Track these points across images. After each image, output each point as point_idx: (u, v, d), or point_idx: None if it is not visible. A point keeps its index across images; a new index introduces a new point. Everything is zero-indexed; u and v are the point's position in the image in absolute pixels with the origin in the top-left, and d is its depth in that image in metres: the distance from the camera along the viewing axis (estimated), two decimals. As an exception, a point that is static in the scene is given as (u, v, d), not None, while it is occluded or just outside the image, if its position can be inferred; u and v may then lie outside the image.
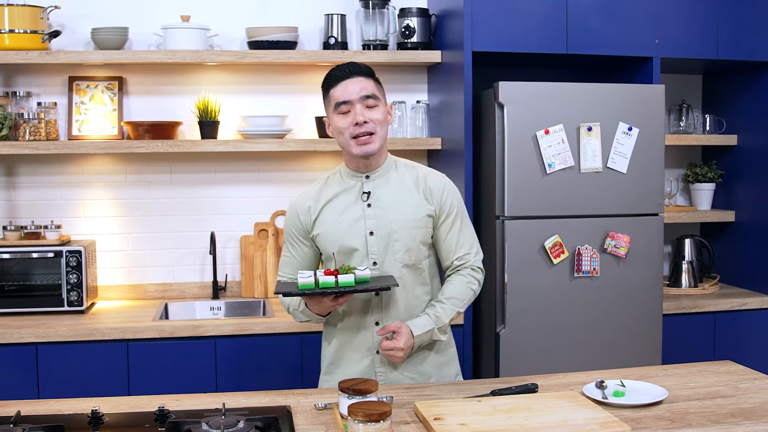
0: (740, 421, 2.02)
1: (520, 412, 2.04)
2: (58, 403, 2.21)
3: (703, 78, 4.34)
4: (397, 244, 2.37)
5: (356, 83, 2.33)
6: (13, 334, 3.21)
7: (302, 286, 2.19)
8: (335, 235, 2.38)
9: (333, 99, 2.35)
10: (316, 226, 2.41)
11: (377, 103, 2.34)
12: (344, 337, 2.44)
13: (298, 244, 2.46)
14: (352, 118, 2.31)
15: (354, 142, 2.32)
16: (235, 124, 3.87)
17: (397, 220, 2.37)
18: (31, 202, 3.77)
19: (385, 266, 2.37)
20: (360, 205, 2.39)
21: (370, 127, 2.32)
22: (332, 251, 2.37)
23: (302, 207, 2.44)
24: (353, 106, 2.31)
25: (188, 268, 3.93)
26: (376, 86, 2.37)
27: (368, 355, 2.42)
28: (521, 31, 3.52)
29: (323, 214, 2.41)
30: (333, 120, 2.37)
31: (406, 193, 2.41)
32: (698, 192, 4.15)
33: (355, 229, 2.37)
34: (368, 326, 2.41)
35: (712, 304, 3.76)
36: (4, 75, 3.72)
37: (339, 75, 2.34)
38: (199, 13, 3.79)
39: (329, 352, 2.49)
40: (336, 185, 2.45)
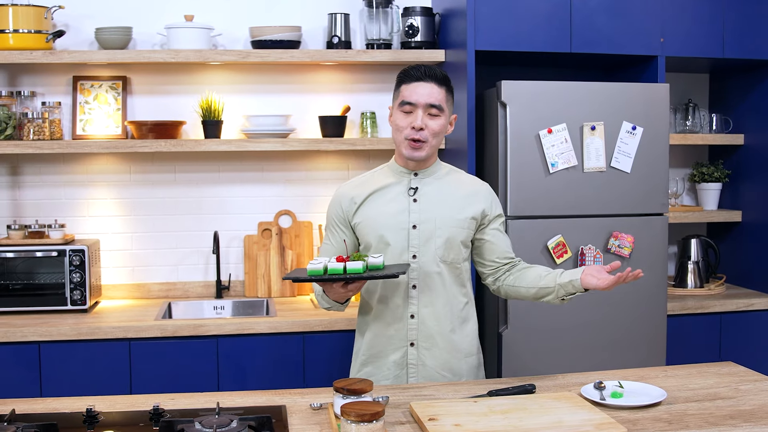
0: (739, 423, 2.00)
1: (516, 413, 2.02)
2: (55, 402, 2.21)
3: (710, 77, 4.31)
4: (438, 240, 2.42)
5: (427, 88, 2.38)
6: (16, 332, 3.22)
7: (311, 272, 2.20)
8: (377, 224, 2.43)
9: (401, 95, 2.41)
10: (357, 215, 2.46)
11: (440, 114, 2.40)
12: (378, 328, 2.47)
13: (337, 231, 2.50)
14: (411, 120, 2.38)
15: (406, 143, 2.39)
16: (239, 124, 3.87)
17: (441, 218, 2.43)
18: (36, 201, 3.78)
19: (423, 260, 2.42)
20: (406, 199, 2.45)
21: (424, 135, 2.38)
22: (371, 239, 2.43)
23: (346, 195, 2.49)
24: (416, 109, 2.38)
25: (192, 267, 3.93)
26: (446, 96, 2.42)
27: (402, 347, 2.45)
28: (525, 30, 3.51)
29: (367, 203, 2.46)
30: (395, 115, 2.43)
31: (452, 193, 2.48)
32: (704, 192, 4.12)
33: (397, 220, 2.42)
34: (403, 319, 2.44)
35: (718, 304, 3.73)
36: (9, 75, 3.74)
37: (414, 74, 2.40)
38: (202, 13, 3.79)
39: (364, 343, 2.51)
40: (384, 178, 2.50)
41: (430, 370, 2.46)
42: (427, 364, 2.45)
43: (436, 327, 2.44)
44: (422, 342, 2.45)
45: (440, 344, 2.45)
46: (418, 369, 2.45)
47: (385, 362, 2.46)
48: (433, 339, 2.45)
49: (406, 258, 2.41)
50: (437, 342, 2.45)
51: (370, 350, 2.49)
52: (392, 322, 2.45)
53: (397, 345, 2.45)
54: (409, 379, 2.45)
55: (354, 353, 2.58)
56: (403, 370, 2.45)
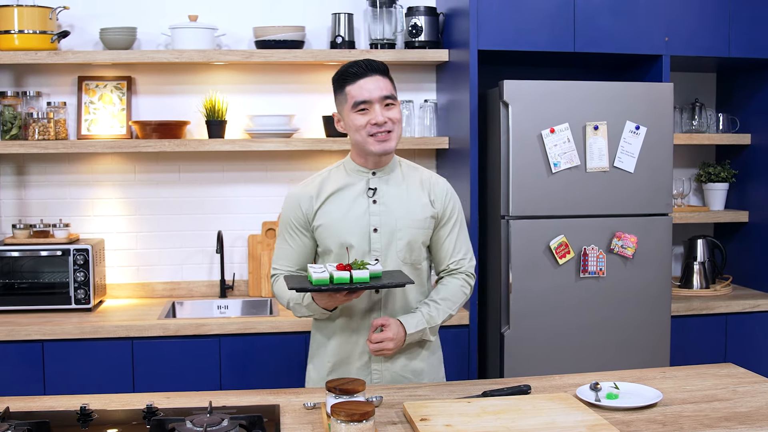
0: (734, 425, 1.98)
1: (508, 413, 2.01)
2: (51, 400, 2.22)
3: (716, 76, 4.28)
4: (400, 243, 2.37)
5: (374, 82, 2.31)
6: (20, 331, 3.24)
7: (317, 281, 2.14)
8: (338, 229, 2.36)
9: (350, 97, 2.32)
10: (317, 217, 2.38)
11: (395, 102, 2.35)
12: (344, 335, 2.42)
13: (297, 235, 2.42)
14: (370, 117, 2.30)
15: (372, 140, 2.31)
16: (243, 124, 3.88)
17: (402, 219, 2.37)
18: (41, 200, 3.81)
19: (386, 263, 2.36)
20: (365, 200, 2.38)
21: (389, 126, 2.32)
22: (332, 244, 2.36)
23: (304, 196, 2.40)
24: (372, 106, 2.30)
25: (196, 266, 3.94)
26: (392, 86, 2.36)
27: (367, 351, 2.41)
28: (528, 30, 3.49)
29: (326, 205, 2.38)
30: (349, 118, 2.33)
31: (411, 193, 2.42)
32: (711, 192, 4.08)
33: (359, 224, 2.36)
34: (368, 323, 2.40)
35: (724, 305, 3.70)
36: (15, 75, 3.76)
37: (356, 72, 2.32)
38: (206, 13, 3.81)
39: (329, 350, 2.44)
40: (340, 178, 2.42)
41: (394, 374, 2.42)
42: (390, 368, 2.41)
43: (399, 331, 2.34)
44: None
45: (403, 347, 2.38)
46: (381, 374, 2.41)
47: (351, 368, 2.41)
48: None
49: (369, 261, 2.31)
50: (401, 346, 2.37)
51: (336, 356, 2.43)
52: (358, 327, 2.40)
53: (363, 350, 2.40)
54: (372, 383, 2.41)
55: (312, 358, 2.51)
56: (368, 376, 2.41)
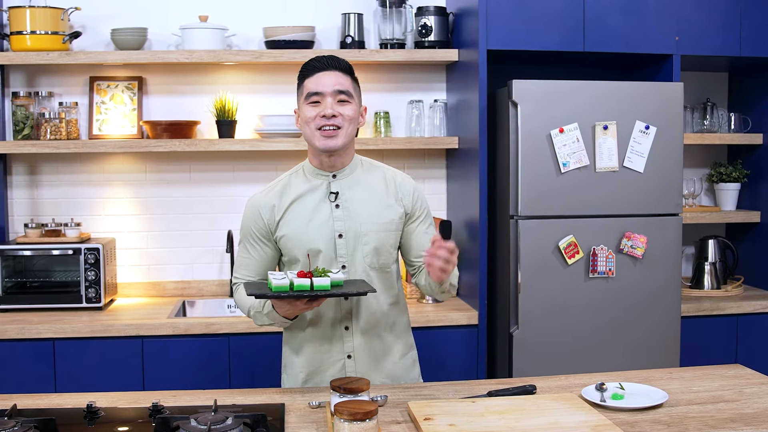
0: (739, 426, 1.97)
1: (513, 413, 2.01)
2: (58, 398, 2.24)
3: (729, 76, 4.25)
4: (366, 248, 2.31)
5: (331, 77, 2.26)
6: (32, 329, 3.27)
7: (276, 288, 2.09)
8: (302, 237, 2.30)
9: (305, 89, 2.28)
10: (280, 227, 2.32)
11: (350, 100, 2.28)
12: (315, 344, 2.37)
13: (258, 245, 2.36)
14: (320, 109, 2.24)
15: (319, 134, 2.25)
16: (253, 124, 3.89)
17: (367, 223, 2.32)
18: (53, 200, 3.84)
19: (353, 269, 2.32)
20: (327, 205, 2.32)
21: (338, 121, 2.24)
22: (298, 253, 2.30)
23: (265, 205, 2.34)
24: (324, 98, 2.24)
25: (207, 266, 3.96)
26: (352, 84, 2.31)
27: (340, 360, 2.37)
28: (537, 29, 3.49)
29: (288, 214, 2.32)
30: (302, 110, 2.30)
31: (375, 195, 2.36)
32: (723, 192, 4.06)
33: (323, 231, 2.30)
34: (338, 332, 2.36)
35: (735, 306, 3.68)
36: (27, 75, 3.80)
37: (316, 66, 2.28)
38: (217, 13, 3.82)
39: (301, 360, 2.40)
40: (301, 184, 2.36)
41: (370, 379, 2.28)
42: (364, 373, 2.37)
43: (370, 335, 2.36)
44: (358, 352, 2.36)
45: (376, 352, 2.38)
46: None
47: (324, 377, 2.36)
48: (369, 348, 2.37)
49: (337, 268, 2.29)
50: (373, 350, 2.38)
51: (309, 367, 2.39)
52: (328, 336, 2.36)
53: (336, 358, 2.36)
54: None
55: (285, 368, 2.47)
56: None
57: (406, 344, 2.47)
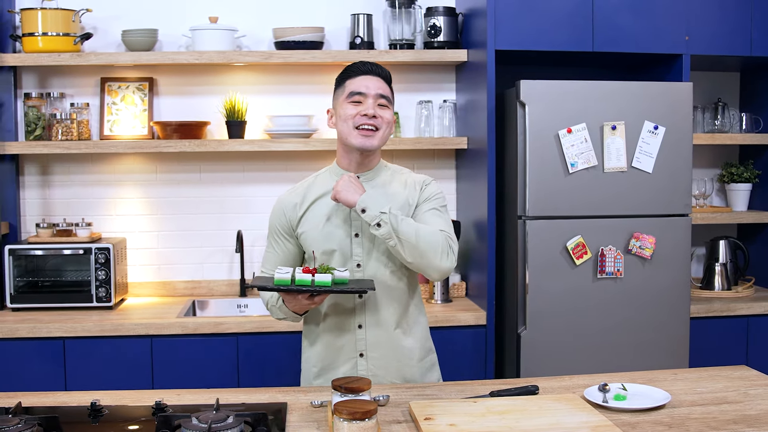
0: (741, 428, 1.96)
1: (513, 414, 2.01)
2: (64, 396, 2.27)
3: (740, 76, 4.22)
4: (382, 247, 2.34)
5: (374, 81, 2.35)
6: (42, 328, 3.30)
7: (278, 281, 2.17)
8: (320, 235, 2.35)
9: (348, 88, 2.34)
10: (301, 224, 2.39)
11: (389, 105, 2.36)
12: (328, 339, 2.41)
13: (281, 240, 2.43)
14: (362, 108, 2.30)
15: (357, 132, 2.30)
16: (262, 124, 3.91)
17: None
18: (64, 200, 3.87)
19: (368, 268, 2.35)
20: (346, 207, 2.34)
21: (377, 122, 2.31)
22: (315, 250, 2.35)
23: (288, 204, 2.42)
24: (366, 99, 2.31)
25: (217, 265, 3.99)
26: (390, 93, 2.40)
27: (352, 357, 2.39)
28: (546, 29, 3.48)
29: (309, 212, 2.38)
30: (341, 108, 2.34)
31: (393, 197, 2.38)
32: (734, 192, 4.03)
33: (341, 229, 2.35)
34: (352, 329, 2.38)
35: (745, 307, 3.65)
36: (39, 76, 3.83)
37: (361, 69, 2.36)
38: (227, 14, 3.85)
39: (314, 354, 2.45)
40: (324, 184, 2.41)
41: (381, 379, 2.39)
42: (377, 373, 2.38)
43: (384, 335, 2.38)
44: (371, 352, 2.38)
45: (389, 353, 2.39)
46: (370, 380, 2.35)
47: (336, 374, 2.39)
48: (382, 348, 2.38)
49: (351, 266, 2.34)
50: (386, 351, 2.39)
51: (322, 362, 2.42)
52: (341, 333, 2.38)
53: (348, 356, 2.39)
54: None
55: (304, 362, 2.52)
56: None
57: (423, 348, 2.47)
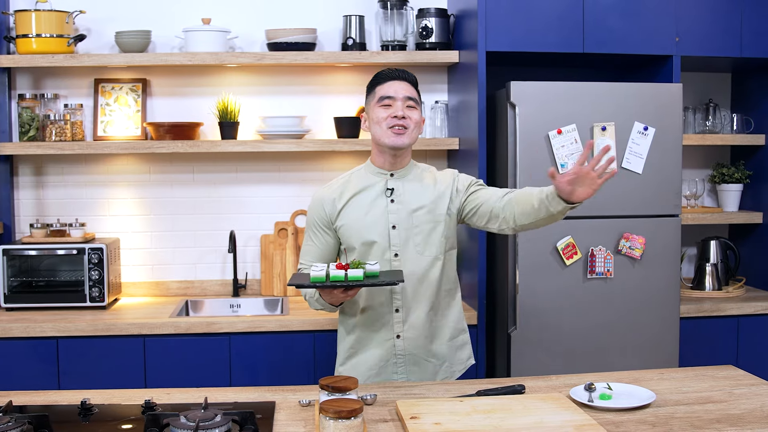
0: (724, 427, 1.98)
1: (499, 413, 2.03)
2: (55, 395, 2.29)
3: (732, 77, 4.24)
4: (417, 238, 2.52)
5: (402, 85, 2.54)
6: (36, 328, 3.32)
7: (314, 279, 2.31)
8: (359, 228, 2.53)
9: (378, 93, 2.54)
10: (340, 218, 2.55)
11: (417, 106, 2.56)
12: (365, 325, 2.57)
13: (320, 233, 2.59)
14: (392, 111, 2.49)
15: (389, 132, 2.49)
16: (255, 125, 3.93)
17: (418, 216, 2.53)
18: (58, 200, 3.89)
19: (405, 257, 2.52)
20: (384, 200, 2.54)
21: (406, 122, 2.50)
22: (354, 242, 2.53)
23: (328, 198, 2.58)
24: (395, 102, 2.50)
25: (210, 266, 4.00)
26: (418, 96, 2.59)
27: (389, 339, 2.55)
28: (536, 31, 3.50)
29: (348, 207, 2.55)
30: (373, 111, 2.54)
31: (426, 191, 2.57)
32: (725, 193, 4.05)
33: (379, 222, 2.52)
34: (389, 314, 2.54)
35: (736, 307, 3.67)
36: (33, 78, 3.85)
37: (389, 75, 2.56)
38: (219, 16, 3.86)
39: (349, 339, 2.62)
40: (361, 180, 2.60)
41: (416, 357, 2.56)
42: (414, 352, 2.55)
43: (419, 319, 2.54)
44: (407, 333, 2.54)
45: (424, 334, 2.55)
46: (406, 358, 2.55)
47: (373, 353, 2.56)
48: (417, 330, 2.54)
49: (389, 256, 2.52)
50: (421, 332, 2.55)
51: (357, 344, 2.60)
52: (378, 318, 2.55)
53: (385, 338, 2.55)
54: (398, 369, 2.56)
55: (339, 346, 2.68)
56: (389, 361, 2.56)
57: (456, 328, 2.65)
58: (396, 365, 2.55)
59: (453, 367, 2.62)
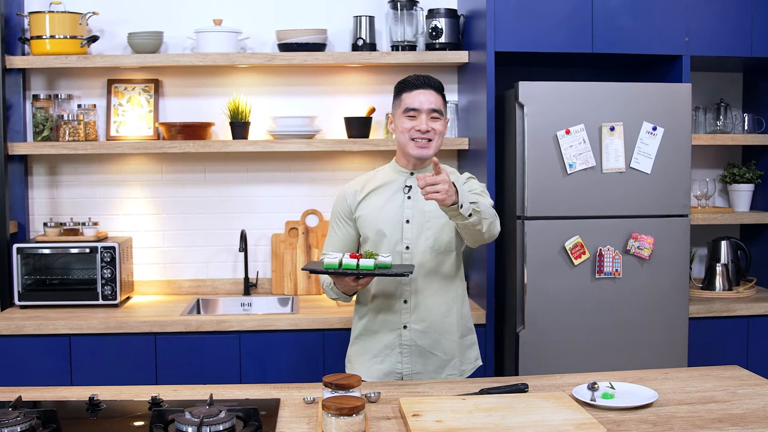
0: (725, 426, 1.99)
1: (500, 411, 2.05)
2: (64, 391, 2.33)
3: (743, 76, 4.23)
4: (429, 232, 2.62)
5: (427, 95, 2.60)
6: (48, 325, 3.37)
7: (327, 265, 2.45)
8: (375, 219, 2.65)
9: (403, 103, 2.61)
10: (359, 209, 2.69)
11: (441, 117, 2.63)
12: (375, 312, 2.68)
13: (342, 224, 2.74)
14: (416, 123, 2.58)
15: (413, 144, 2.59)
16: (266, 125, 3.96)
17: (431, 212, 2.61)
18: (72, 200, 3.94)
19: (416, 250, 2.62)
20: (401, 196, 2.66)
21: (430, 135, 2.59)
22: (369, 232, 2.65)
23: (350, 191, 2.74)
24: (420, 114, 2.58)
25: (221, 265, 4.04)
26: (443, 102, 2.65)
27: (396, 329, 2.64)
28: (545, 31, 3.51)
29: (367, 198, 2.69)
30: (399, 120, 2.63)
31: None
32: (736, 193, 4.04)
33: (394, 215, 2.63)
34: (398, 304, 2.64)
35: (746, 307, 3.66)
36: (47, 78, 3.90)
37: (414, 83, 2.62)
38: (231, 17, 3.90)
39: (360, 325, 2.74)
40: (383, 177, 2.73)
41: (422, 350, 2.63)
42: (419, 344, 2.63)
43: (427, 312, 2.63)
44: (414, 325, 2.63)
45: (432, 326, 2.63)
46: (411, 349, 2.63)
47: (381, 339, 2.66)
48: (425, 322, 2.63)
49: (400, 249, 2.62)
50: (429, 325, 2.63)
51: (367, 327, 2.70)
52: (387, 307, 2.66)
53: (392, 327, 2.65)
54: (403, 359, 2.62)
55: (352, 331, 2.80)
56: (395, 350, 2.64)
57: (465, 327, 2.73)
58: (401, 354, 2.63)
59: (463, 365, 2.67)
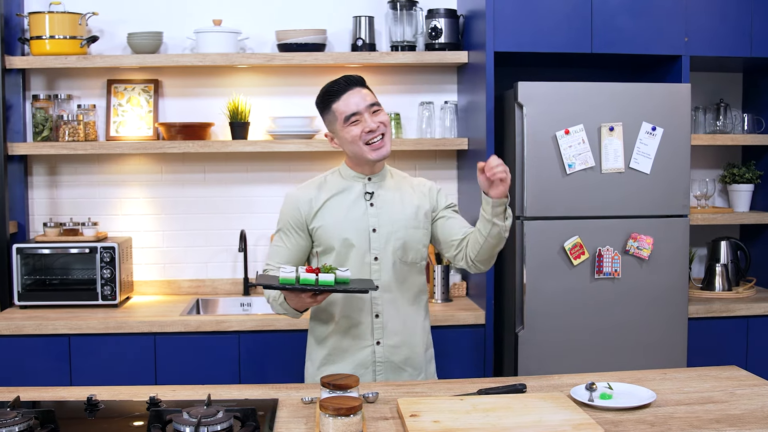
0: (723, 427, 1.98)
1: (498, 411, 2.05)
2: (62, 391, 2.33)
3: (743, 77, 4.22)
4: (397, 242, 2.51)
5: (357, 94, 2.46)
6: (48, 325, 3.37)
7: (283, 280, 2.24)
8: (338, 229, 2.48)
9: (339, 113, 2.46)
10: (316, 219, 2.50)
11: (380, 108, 2.49)
12: (342, 332, 2.53)
13: (293, 234, 2.53)
14: (363, 126, 2.43)
15: (368, 148, 2.45)
16: (265, 125, 3.96)
17: (399, 221, 2.52)
18: (71, 200, 3.95)
19: (385, 261, 2.50)
20: (363, 203, 2.52)
21: (382, 130, 2.46)
22: (334, 242, 2.48)
23: (303, 199, 2.53)
24: (362, 116, 2.44)
25: (221, 265, 4.04)
26: (372, 94, 2.51)
27: (368, 346, 2.52)
28: (545, 31, 3.51)
29: (325, 208, 2.50)
30: (343, 132, 2.46)
31: (404, 196, 2.57)
32: (736, 193, 4.04)
33: (359, 224, 2.49)
34: (368, 319, 2.51)
35: (745, 308, 3.66)
36: (46, 79, 3.91)
37: (338, 89, 2.46)
38: (230, 17, 3.90)
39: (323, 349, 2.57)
40: (337, 183, 2.56)
41: (394, 365, 2.53)
42: (392, 359, 2.52)
43: (399, 325, 2.53)
44: (387, 340, 2.52)
45: (404, 341, 2.54)
46: (384, 366, 2.52)
47: (352, 358, 2.52)
48: (398, 336, 2.52)
49: (369, 260, 2.49)
50: (401, 339, 2.53)
51: (335, 347, 2.54)
52: (356, 324, 2.51)
53: (363, 344, 2.52)
54: (376, 377, 2.52)
55: (309, 355, 2.63)
56: (368, 369, 2.52)
57: (428, 340, 2.65)
58: (375, 373, 2.51)
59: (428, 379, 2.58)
